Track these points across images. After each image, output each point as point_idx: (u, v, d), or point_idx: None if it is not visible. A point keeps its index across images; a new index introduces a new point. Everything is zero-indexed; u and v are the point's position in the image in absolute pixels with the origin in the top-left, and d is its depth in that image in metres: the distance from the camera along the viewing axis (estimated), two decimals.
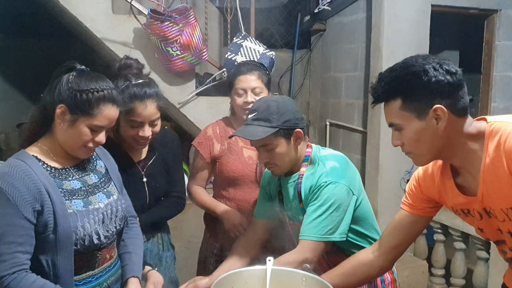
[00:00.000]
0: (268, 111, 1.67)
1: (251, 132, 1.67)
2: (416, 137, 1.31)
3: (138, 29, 3.05)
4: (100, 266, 1.53)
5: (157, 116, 1.87)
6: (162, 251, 2.14)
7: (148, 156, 2.03)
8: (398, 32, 3.70)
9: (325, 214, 1.66)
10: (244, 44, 3.12)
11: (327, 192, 1.67)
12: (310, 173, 1.75)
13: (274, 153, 1.70)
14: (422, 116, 1.28)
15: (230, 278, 1.57)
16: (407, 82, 1.28)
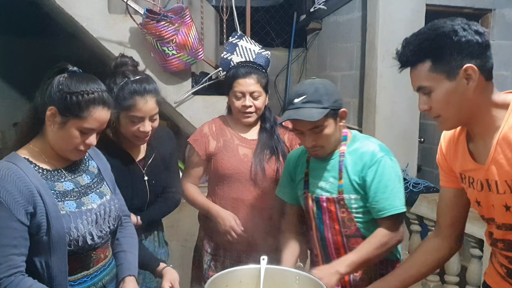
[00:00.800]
0: (318, 93, 1.69)
1: (307, 114, 1.66)
2: (446, 98, 1.31)
3: (134, 28, 3.06)
4: (94, 266, 1.54)
5: (156, 111, 1.90)
6: (158, 248, 2.16)
7: (148, 154, 2.05)
8: (393, 32, 3.71)
9: (396, 188, 1.73)
10: (240, 43, 3.13)
11: (388, 166, 1.73)
12: (352, 150, 1.79)
13: (323, 135, 1.72)
14: (452, 76, 1.29)
15: (224, 277, 1.59)
16: (437, 43, 1.28)
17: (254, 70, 2.18)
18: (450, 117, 1.36)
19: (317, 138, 1.73)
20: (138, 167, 2.01)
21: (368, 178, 1.73)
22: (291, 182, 1.97)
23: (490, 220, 1.45)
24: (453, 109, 1.34)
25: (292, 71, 5.25)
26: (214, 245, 2.24)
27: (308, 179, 1.87)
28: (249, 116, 2.17)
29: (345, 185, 1.76)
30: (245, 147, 2.20)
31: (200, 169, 2.25)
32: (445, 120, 1.37)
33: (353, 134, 1.84)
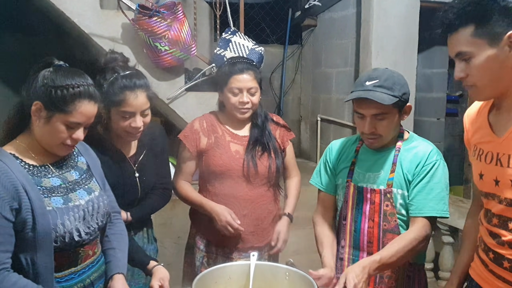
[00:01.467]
0: (391, 80, 1.66)
1: (378, 96, 1.62)
2: (486, 65, 1.28)
3: (126, 24, 3.05)
4: (82, 263, 1.53)
5: (147, 106, 1.89)
6: (147, 244, 2.15)
7: (139, 151, 2.04)
8: (387, 28, 3.71)
9: (443, 192, 1.71)
10: (233, 39, 3.12)
11: (442, 171, 1.71)
12: (409, 147, 1.76)
13: (384, 124, 1.69)
14: (495, 42, 1.26)
15: (213, 273, 1.58)
16: (483, 6, 1.25)
17: (250, 66, 2.17)
18: (486, 86, 1.33)
19: (378, 126, 1.70)
20: (129, 164, 2.00)
21: (418, 177, 1.71)
22: (328, 171, 1.94)
23: (489, 195, 1.44)
24: (490, 78, 1.30)
25: (287, 68, 5.24)
26: (206, 242, 2.23)
27: (354, 168, 1.84)
28: (245, 112, 2.16)
29: (396, 179, 1.74)
30: (236, 144, 2.19)
31: (192, 165, 2.23)
32: (480, 89, 1.34)
33: (410, 134, 1.83)
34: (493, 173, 1.39)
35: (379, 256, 1.59)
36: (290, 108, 5.39)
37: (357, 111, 1.72)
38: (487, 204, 1.47)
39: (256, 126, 2.22)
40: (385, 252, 1.62)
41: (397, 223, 1.74)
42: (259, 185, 2.17)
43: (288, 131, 2.32)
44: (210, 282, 1.56)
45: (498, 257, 1.42)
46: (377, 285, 1.77)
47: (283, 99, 5.27)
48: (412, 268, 1.79)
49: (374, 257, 1.60)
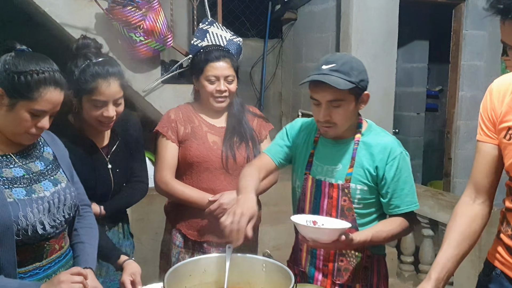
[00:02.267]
0: (348, 65, 1.60)
1: (333, 80, 1.55)
2: None
3: (100, 14, 2.96)
4: (48, 257, 1.46)
5: (120, 94, 1.82)
6: (122, 240, 2.09)
7: (111, 141, 1.98)
8: (367, 21, 3.69)
9: (413, 185, 1.71)
10: (211, 30, 3.06)
11: (407, 162, 1.70)
12: (368, 140, 1.70)
13: (340, 111, 1.62)
14: None
15: (187, 266, 1.53)
16: None
17: (227, 54, 2.12)
18: None
19: (333, 113, 1.63)
20: (101, 155, 1.93)
21: (388, 174, 1.67)
22: (284, 145, 1.86)
23: None
24: None
25: (268, 62, 5.20)
26: (183, 238, 2.17)
27: (313, 160, 1.78)
28: (222, 101, 2.10)
29: (355, 174, 1.69)
30: (214, 134, 2.13)
31: (175, 157, 2.12)
32: None
33: (368, 123, 1.76)
34: None
35: (371, 236, 1.61)
36: (271, 103, 5.35)
37: (313, 96, 1.65)
38: None
39: (233, 116, 2.17)
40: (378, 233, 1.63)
41: (354, 217, 1.70)
42: (237, 176, 2.11)
43: (266, 121, 2.27)
44: (184, 275, 1.51)
45: None
46: (335, 278, 1.75)
47: (263, 93, 5.22)
48: (369, 259, 1.76)
49: (367, 234, 1.61)
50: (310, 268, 1.80)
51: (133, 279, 1.65)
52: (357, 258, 1.75)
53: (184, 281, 1.49)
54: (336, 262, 1.75)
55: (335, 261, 1.75)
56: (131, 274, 1.66)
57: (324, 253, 1.76)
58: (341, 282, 1.74)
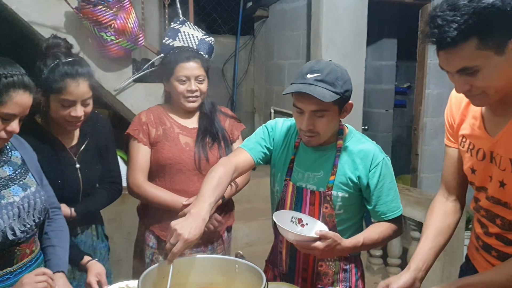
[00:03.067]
0: (334, 75, 1.56)
1: (318, 92, 1.52)
2: (494, 74, 1.21)
3: (70, 12, 2.92)
4: (19, 262, 1.46)
5: (89, 95, 1.83)
6: (97, 242, 2.09)
7: (80, 141, 1.97)
8: (336, 20, 3.75)
9: (396, 190, 1.73)
10: (182, 29, 3.06)
11: (390, 168, 1.71)
12: (350, 147, 1.70)
13: (323, 121, 1.60)
14: (501, 51, 1.18)
15: (161, 268, 1.55)
16: (486, 16, 1.14)
17: (196, 54, 2.14)
18: (496, 92, 1.26)
19: (316, 123, 1.60)
20: (69, 154, 1.93)
21: (372, 181, 1.67)
22: (264, 145, 1.81)
23: (481, 188, 1.46)
24: (501, 84, 1.24)
25: (240, 59, 5.22)
26: (156, 239, 2.17)
27: (293, 166, 1.76)
28: (194, 101, 2.11)
29: (337, 182, 1.67)
30: (186, 136, 2.14)
31: (148, 160, 2.12)
32: (489, 96, 1.27)
33: (349, 130, 1.75)
34: (487, 170, 1.40)
35: (362, 241, 1.59)
36: (244, 100, 5.38)
37: (296, 105, 1.62)
38: (477, 194, 1.49)
39: (205, 117, 2.19)
40: (368, 238, 1.62)
41: (335, 224, 1.70)
42: None
43: (237, 122, 2.30)
44: (158, 277, 1.52)
45: (486, 246, 1.48)
46: (314, 282, 1.78)
47: (236, 90, 5.24)
48: (347, 261, 1.79)
49: (358, 239, 1.59)
50: (289, 271, 1.80)
51: (99, 279, 1.66)
52: (335, 261, 1.77)
53: (158, 283, 1.50)
54: (315, 267, 1.76)
55: (314, 266, 1.76)
56: (97, 275, 1.67)
57: (303, 257, 1.76)
58: (321, 285, 1.76)
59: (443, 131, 1.63)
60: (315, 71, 1.57)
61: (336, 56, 3.79)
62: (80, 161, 1.94)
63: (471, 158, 1.46)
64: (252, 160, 1.78)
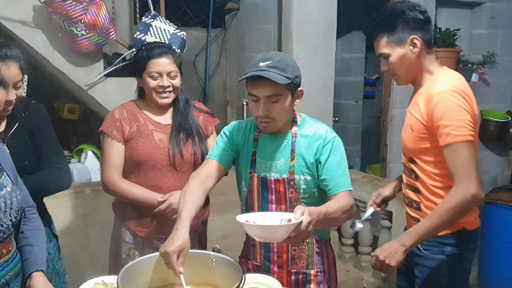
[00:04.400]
0: (284, 62, 1.67)
1: (272, 75, 1.62)
2: (399, 61, 1.83)
3: (38, 6, 2.87)
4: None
5: (20, 78, 1.82)
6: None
7: (8, 126, 1.92)
8: (307, 14, 3.79)
9: (346, 167, 1.81)
10: (154, 23, 3.04)
11: (340, 147, 1.80)
12: (304, 131, 1.81)
13: (278, 106, 1.69)
14: (402, 44, 1.82)
15: (139, 264, 1.57)
16: (391, 20, 1.81)
17: (168, 50, 2.14)
18: (402, 75, 1.88)
19: (272, 108, 1.69)
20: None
21: (323, 156, 1.77)
22: (228, 147, 1.88)
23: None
24: (404, 69, 1.85)
25: (212, 52, 5.21)
26: (132, 234, 2.18)
27: (256, 158, 1.84)
28: (166, 97, 2.12)
29: (297, 166, 1.77)
30: (160, 132, 2.15)
31: (122, 157, 2.12)
32: (399, 77, 1.90)
33: (302, 117, 1.86)
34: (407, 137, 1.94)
35: (325, 209, 1.61)
36: (216, 92, 5.38)
37: (251, 92, 1.70)
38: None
39: (178, 113, 2.20)
40: (330, 207, 1.65)
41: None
42: (185, 173, 2.14)
43: (212, 117, 2.32)
44: (136, 273, 1.54)
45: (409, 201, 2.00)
46: (290, 268, 1.84)
47: (208, 83, 5.24)
48: (319, 244, 1.86)
49: (320, 208, 1.59)
50: (264, 262, 1.87)
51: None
52: (308, 245, 1.84)
53: (136, 278, 1.53)
54: (289, 252, 1.83)
55: (288, 251, 1.83)
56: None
57: (277, 246, 1.83)
58: (297, 269, 1.84)
59: None
60: (266, 59, 1.67)
61: (307, 49, 3.85)
62: (9, 146, 1.88)
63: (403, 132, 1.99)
64: (222, 166, 1.86)
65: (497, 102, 5.13)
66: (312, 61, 3.85)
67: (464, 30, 4.88)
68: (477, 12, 5.01)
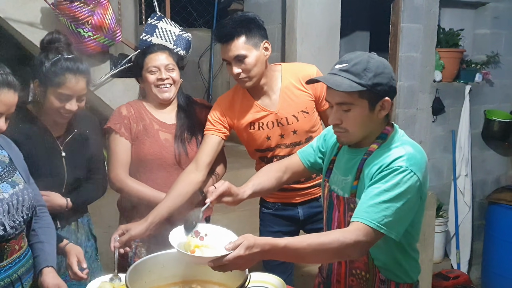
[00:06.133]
0: (361, 65, 1.42)
1: (336, 81, 1.42)
2: (254, 61, 1.97)
3: (46, 8, 2.90)
4: (8, 258, 1.51)
5: (85, 92, 1.91)
6: (81, 240, 2.12)
7: (67, 132, 2.03)
8: (311, 14, 3.82)
9: (389, 203, 1.40)
10: (160, 25, 3.07)
11: (399, 179, 1.41)
12: (380, 152, 1.49)
13: (350, 116, 1.46)
14: (257, 47, 1.98)
15: (146, 262, 1.60)
16: (248, 24, 1.96)
17: (163, 47, 2.25)
18: (255, 75, 2.01)
19: (343, 118, 1.47)
20: (56, 143, 1.98)
21: (374, 181, 1.45)
22: (317, 150, 1.76)
23: (277, 146, 2.16)
24: (257, 69, 2.00)
25: (216, 52, 5.24)
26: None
27: (333, 168, 1.65)
28: (166, 91, 2.17)
29: (360, 188, 1.50)
30: (165, 132, 2.18)
31: (129, 155, 2.15)
32: (251, 78, 2.01)
33: (392, 135, 1.53)
34: (277, 132, 2.16)
35: (285, 243, 1.33)
36: (220, 92, 5.40)
37: (326, 98, 1.55)
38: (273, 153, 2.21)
39: (182, 112, 2.24)
40: (294, 242, 1.35)
41: None
42: None
43: None
44: (144, 271, 1.58)
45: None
46: None
47: (212, 83, 5.28)
48: (385, 285, 1.57)
49: (280, 241, 1.33)
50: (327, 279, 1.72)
51: (78, 258, 1.72)
52: (368, 281, 1.58)
53: (144, 276, 1.57)
54: (346, 281, 1.63)
55: (346, 279, 1.63)
56: (75, 254, 1.72)
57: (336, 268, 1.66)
58: None
59: (414, 122, 1.80)
60: (343, 61, 1.47)
61: (310, 49, 3.87)
62: (66, 150, 2.00)
63: (262, 133, 2.17)
64: (301, 163, 1.81)
65: (500, 102, 5.15)
66: (316, 61, 3.84)
67: (467, 30, 4.91)
68: (480, 12, 5.03)
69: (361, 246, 1.39)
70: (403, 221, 1.45)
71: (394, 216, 1.40)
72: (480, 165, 5.17)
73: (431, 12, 4.50)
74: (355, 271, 1.59)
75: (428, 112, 4.65)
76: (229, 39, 1.94)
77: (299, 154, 1.83)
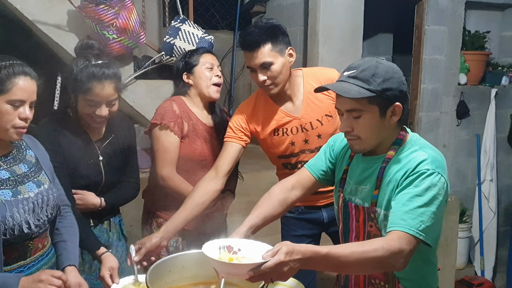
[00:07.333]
0: (370, 71, 1.40)
1: (344, 88, 1.40)
2: (280, 68, 1.95)
3: (72, 11, 2.97)
4: (32, 256, 1.54)
5: (115, 96, 1.90)
6: (113, 239, 2.15)
7: (105, 136, 2.06)
8: (333, 17, 3.81)
9: (424, 208, 1.36)
10: (183, 28, 3.11)
11: (428, 182, 1.38)
12: (400, 157, 1.46)
13: (361, 123, 1.44)
14: (283, 54, 1.96)
15: (166, 262, 1.61)
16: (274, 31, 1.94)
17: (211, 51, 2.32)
18: (280, 82, 1.99)
19: (354, 125, 1.45)
20: (94, 146, 2.02)
21: (401, 186, 1.41)
22: (325, 159, 1.72)
23: (301, 152, 2.13)
24: (284, 75, 1.98)
25: (238, 54, 5.26)
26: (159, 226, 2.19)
27: (346, 177, 1.61)
28: (218, 91, 2.22)
29: (380, 197, 1.47)
30: (208, 133, 2.21)
31: (177, 153, 2.14)
32: (277, 84, 1.98)
33: (409, 139, 1.51)
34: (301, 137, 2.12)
35: (327, 250, 1.28)
36: (241, 94, 5.42)
37: (336, 106, 1.51)
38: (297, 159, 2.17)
39: (217, 116, 2.29)
40: (336, 249, 1.30)
41: None
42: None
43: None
44: (164, 271, 1.59)
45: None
46: None
47: (233, 85, 5.30)
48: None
49: (321, 249, 1.28)
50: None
51: (111, 273, 1.74)
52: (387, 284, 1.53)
53: (164, 276, 1.58)
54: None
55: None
56: (109, 268, 1.74)
57: (354, 278, 1.62)
58: None
59: (438, 125, 1.74)
60: (351, 68, 1.45)
61: (333, 51, 3.86)
62: (103, 154, 2.03)
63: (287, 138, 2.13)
64: (311, 176, 1.73)
65: None
66: (338, 63, 3.84)
67: (494, 32, 4.81)
68: (508, 14, 4.93)
69: (405, 254, 1.34)
70: (437, 225, 1.41)
71: (430, 221, 1.37)
72: (506, 170, 5.06)
73: (456, 14, 4.43)
74: (374, 281, 1.56)
75: (453, 116, 4.58)
76: (255, 47, 1.91)
77: (308, 168, 1.75)
